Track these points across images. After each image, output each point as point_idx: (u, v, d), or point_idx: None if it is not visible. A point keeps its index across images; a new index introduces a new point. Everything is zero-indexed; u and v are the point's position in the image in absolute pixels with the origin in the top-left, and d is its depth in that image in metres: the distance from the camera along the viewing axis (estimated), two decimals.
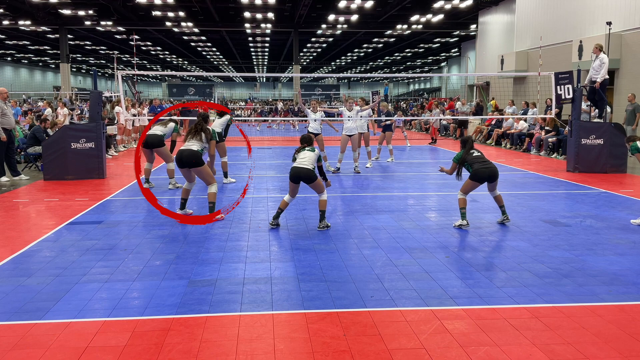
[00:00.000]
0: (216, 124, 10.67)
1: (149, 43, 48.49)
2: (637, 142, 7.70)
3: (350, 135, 11.93)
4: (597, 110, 13.59)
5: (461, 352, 3.64)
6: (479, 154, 7.24)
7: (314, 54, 57.36)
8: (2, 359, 3.58)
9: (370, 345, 3.73)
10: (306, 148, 7.16)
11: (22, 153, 12.97)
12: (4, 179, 10.93)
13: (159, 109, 18.08)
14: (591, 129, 12.10)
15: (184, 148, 7.52)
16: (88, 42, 48.12)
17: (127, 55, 51.66)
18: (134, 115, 17.98)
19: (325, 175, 7.18)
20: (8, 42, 45.91)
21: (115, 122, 16.90)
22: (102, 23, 34.93)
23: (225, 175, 10.79)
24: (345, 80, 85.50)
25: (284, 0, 31.33)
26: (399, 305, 4.43)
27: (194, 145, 7.54)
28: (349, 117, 11.86)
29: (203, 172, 7.55)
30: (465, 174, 7.27)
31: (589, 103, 14.22)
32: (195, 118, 8.43)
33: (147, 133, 9.94)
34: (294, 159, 7.11)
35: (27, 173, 11.89)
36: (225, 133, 10.87)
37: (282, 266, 5.46)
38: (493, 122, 19.93)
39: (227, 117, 10.95)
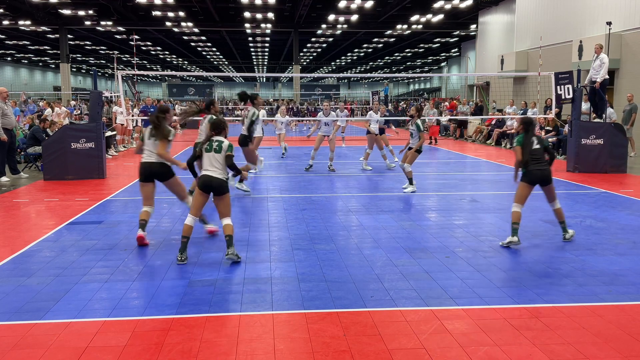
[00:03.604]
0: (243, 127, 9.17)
1: (149, 43, 48.49)
2: (418, 121, 9.31)
3: (325, 136, 12.65)
4: (595, 112, 13.55)
5: (461, 352, 3.64)
6: (538, 147, 6.23)
7: (314, 54, 57.35)
8: (2, 359, 3.58)
9: (370, 345, 3.73)
10: (214, 143, 5.67)
11: (22, 153, 12.98)
12: (4, 179, 10.94)
13: (152, 109, 17.92)
14: (591, 129, 12.09)
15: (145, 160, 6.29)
16: (88, 42, 48.12)
17: (127, 55, 51.64)
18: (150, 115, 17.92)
19: (237, 169, 5.86)
20: (8, 42, 45.90)
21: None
22: (102, 23, 34.92)
23: (241, 180, 9.20)
24: (345, 80, 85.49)
25: (284, 0, 31.32)
26: (399, 305, 4.43)
27: (153, 154, 6.23)
28: (325, 122, 12.68)
29: (173, 185, 6.37)
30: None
31: (589, 105, 14.21)
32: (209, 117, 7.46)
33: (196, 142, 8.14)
34: (200, 152, 5.72)
35: (27, 173, 11.90)
36: (250, 133, 9.11)
37: (282, 266, 5.46)
38: (493, 122, 19.93)
39: (252, 111, 9.15)
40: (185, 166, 6.11)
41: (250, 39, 45.79)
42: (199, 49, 52.78)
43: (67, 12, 32.60)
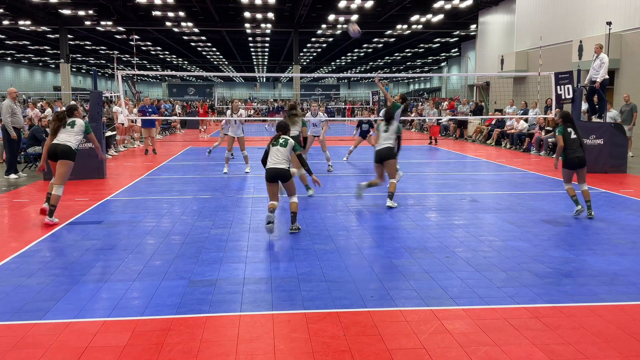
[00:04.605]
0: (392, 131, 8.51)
1: (149, 43, 48.49)
2: (561, 126, 8.76)
3: (315, 137, 12.88)
4: (593, 114, 13.53)
5: (461, 352, 3.64)
6: (575, 137, 7.47)
7: (314, 54, 57.36)
8: (2, 359, 3.58)
9: (370, 345, 3.73)
10: (280, 139, 6.79)
11: (22, 153, 13.01)
12: (13, 176, 11.16)
13: (150, 109, 17.85)
14: (591, 129, 12.09)
15: (56, 142, 7.39)
16: (88, 42, 48.13)
17: (127, 55, 51.65)
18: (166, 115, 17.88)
19: (308, 167, 7.09)
20: (8, 42, 45.92)
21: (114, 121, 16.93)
22: (102, 23, 34.93)
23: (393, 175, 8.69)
24: (345, 80, 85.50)
25: (284, 0, 31.32)
26: (399, 305, 4.43)
27: (68, 141, 7.43)
28: (314, 123, 13.00)
29: (61, 165, 7.37)
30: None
31: (588, 106, 14.20)
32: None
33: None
34: (268, 148, 6.81)
35: (27, 173, 11.94)
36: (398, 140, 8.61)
37: (282, 266, 5.46)
38: (493, 122, 19.93)
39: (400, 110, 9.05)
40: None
41: (250, 39, 45.79)
42: (199, 49, 52.79)
43: (67, 12, 32.60)
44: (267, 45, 50.23)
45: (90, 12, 32.30)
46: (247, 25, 36.01)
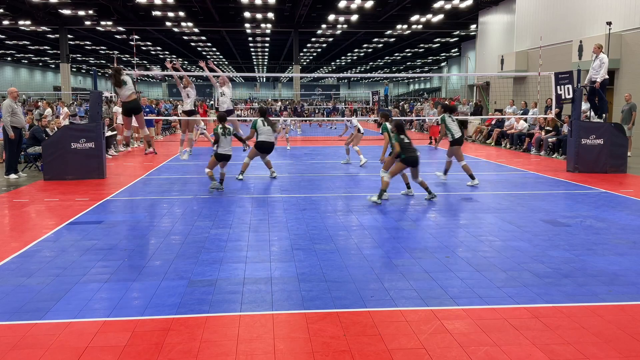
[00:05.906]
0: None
1: (149, 43, 48.52)
2: (387, 124, 9.16)
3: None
4: (595, 114, 13.53)
5: (461, 352, 3.64)
6: (408, 141, 8.62)
7: (314, 54, 57.38)
8: (2, 359, 3.58)
9: (370, 345, 3.73)
10: (226, 129, 9.77)
11: (22, 153, 13.01)
12: (13, 176, 11.16)
13: (147, 109, 17.82)
14: (591, 129, 12.09)
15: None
16: (88, 42, 48.15)
17: (127, 55, 51.68)
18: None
19: (243, 139, 11.00)
20: (8, 42, 45.93)
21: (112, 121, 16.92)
22: (102, 23, 34.94)
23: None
24: (345, 80, 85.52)
25: (284, 0, 31.33)
26: (399, 305, 4.43)
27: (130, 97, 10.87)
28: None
29: (138, 117, 11.35)
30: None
31: (588, 105, 14.21)
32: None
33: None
34: (218, 137, 9.56)
35: (27, 173, 11.94)
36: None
37: (282, 266, 5.46)
38: (493, 122, 19.93)
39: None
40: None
41: (250, 39, 45.80)
42: (199, 49, 52.78)
43: (67, 12, 32.61)
44: (267, 45, 50.23)
45: (90, 12, 32.31)
46: (247, 25, 36.02)
